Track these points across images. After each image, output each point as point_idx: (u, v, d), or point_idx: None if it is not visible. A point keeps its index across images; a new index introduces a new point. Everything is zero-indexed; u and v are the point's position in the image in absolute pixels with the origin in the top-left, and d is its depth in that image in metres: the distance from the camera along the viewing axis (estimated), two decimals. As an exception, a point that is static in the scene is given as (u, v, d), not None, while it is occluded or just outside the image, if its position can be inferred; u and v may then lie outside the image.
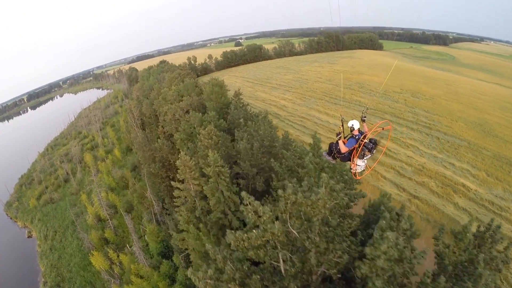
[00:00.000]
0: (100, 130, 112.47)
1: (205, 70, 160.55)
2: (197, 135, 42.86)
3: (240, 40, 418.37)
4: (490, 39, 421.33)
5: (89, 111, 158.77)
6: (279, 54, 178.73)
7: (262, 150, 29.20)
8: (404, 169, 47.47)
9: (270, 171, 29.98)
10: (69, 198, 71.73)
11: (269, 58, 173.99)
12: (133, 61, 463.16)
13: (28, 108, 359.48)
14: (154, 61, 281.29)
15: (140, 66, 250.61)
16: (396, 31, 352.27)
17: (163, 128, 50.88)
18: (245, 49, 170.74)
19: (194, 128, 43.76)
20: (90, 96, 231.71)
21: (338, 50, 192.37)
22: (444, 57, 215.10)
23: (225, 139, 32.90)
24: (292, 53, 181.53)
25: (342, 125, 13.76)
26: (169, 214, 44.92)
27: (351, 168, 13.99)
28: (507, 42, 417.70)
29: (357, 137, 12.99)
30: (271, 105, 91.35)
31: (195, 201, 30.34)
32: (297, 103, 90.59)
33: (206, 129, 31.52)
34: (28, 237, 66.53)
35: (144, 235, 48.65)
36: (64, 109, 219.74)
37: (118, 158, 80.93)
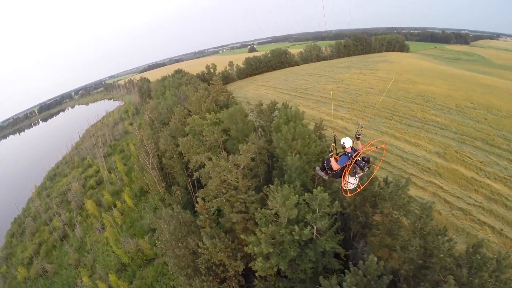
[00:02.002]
0: (106, 156, 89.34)
1: (226, 79, 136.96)
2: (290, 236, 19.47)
3: (254, 46, 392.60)
4: (505, 35, 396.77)
5: (96, 129, 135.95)
6: (306, 59, 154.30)
7: None
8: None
9: None
10: (67, 274, 48.79)
11: (295, 64, 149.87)
12: (144, 70, 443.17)
13: (39, 120, 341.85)
14: (167, 70, 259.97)
15: (152, 75, 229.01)
16: (412, 31, 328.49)
17: (206, 202, 27.02)
18: (269, 55, 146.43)
19: (287, 232, 19.99)
20: (101, 107, 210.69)
21: (366, 53, 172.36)
22: (474, 58, 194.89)
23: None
24: (320, 57, 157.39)
25: (335, 142, 12.69)
26: None
27: (342, 186, 12.64)
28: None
29: (349, 154, 11.94)
30: (327, 126, 67.68)
31: None
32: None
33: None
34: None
35: None
36: (74, 120, 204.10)
37: (130, 207, 57.45)
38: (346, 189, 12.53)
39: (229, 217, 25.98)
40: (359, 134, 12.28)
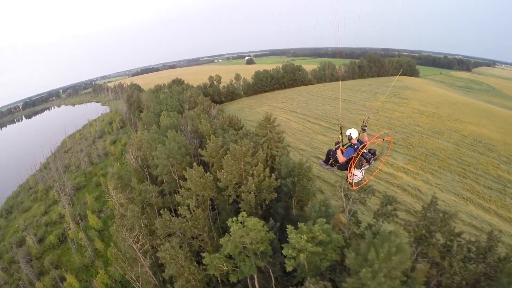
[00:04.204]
0: (77, 191, 66.37)
1: (231, 94, 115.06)
2: None
3: (252, 58, 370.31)
4: (500, 62, 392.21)
5: (73, 142, 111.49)
6: (320, 78, 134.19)
7: None
8: None
9: None
10: None
11: (309, 82, 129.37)
12: (137, 73, 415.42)
13: (23, 116, 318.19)
14: (160, 76, 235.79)
15: (145, 80, 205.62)
16: (414, 54, 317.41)
17: None
18: (281, 70, 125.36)
19: None
20: (86, 112, 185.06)
21: (379, 75, 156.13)
22: (485, 88, 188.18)
23: None
24: (334, 77, 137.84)
25: (341, 133, 11.86)
26: None
27: (347, 178, 11.66)
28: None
29: (355, 146, 11.21)
30: (389, 184, 46.97)
31: None
32: (431, 182, 47.97)
33: None
34: None
35: None
36: (55, 121, 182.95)
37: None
38: (352, 182, 11.42)
39: None
40: (365, 126, 11.57)
